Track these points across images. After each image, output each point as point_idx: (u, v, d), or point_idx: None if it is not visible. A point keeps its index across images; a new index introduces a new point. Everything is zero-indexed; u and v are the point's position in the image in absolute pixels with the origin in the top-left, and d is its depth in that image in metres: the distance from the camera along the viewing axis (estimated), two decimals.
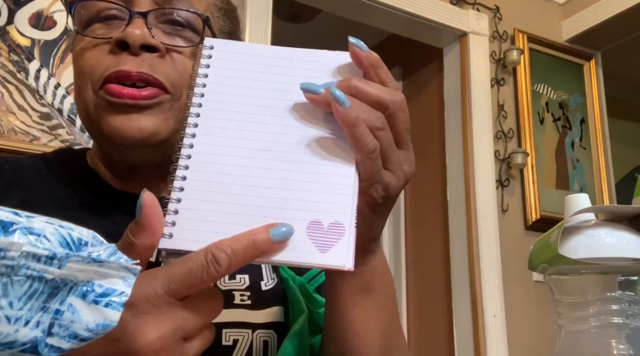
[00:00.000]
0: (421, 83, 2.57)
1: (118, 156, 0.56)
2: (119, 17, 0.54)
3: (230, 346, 0.53)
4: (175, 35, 0.55)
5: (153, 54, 0.52)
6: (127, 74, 0.51)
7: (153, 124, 0.52)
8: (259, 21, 1.78)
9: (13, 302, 0.28)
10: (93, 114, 0.53)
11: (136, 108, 0.51)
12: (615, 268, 0.49)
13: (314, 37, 3.05)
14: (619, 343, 0.47)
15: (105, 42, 0.53)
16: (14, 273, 0.28)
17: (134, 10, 0.53)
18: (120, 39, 0.51)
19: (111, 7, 0.54)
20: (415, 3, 2.11)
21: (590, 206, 0.53)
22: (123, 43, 0.51)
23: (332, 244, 0.38)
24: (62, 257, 0.29)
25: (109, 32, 0.53)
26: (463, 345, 2.05)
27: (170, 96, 0.53)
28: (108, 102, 0.51)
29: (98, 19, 0.54)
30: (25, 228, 0.28)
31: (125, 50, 0.52)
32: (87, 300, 0.31)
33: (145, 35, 0.51)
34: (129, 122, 0.51)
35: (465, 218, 2.11)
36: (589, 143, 2.42)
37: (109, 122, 0.51)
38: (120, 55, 0.52)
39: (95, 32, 0.54)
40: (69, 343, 0.30)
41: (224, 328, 0.53)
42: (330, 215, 0.39)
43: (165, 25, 0.54)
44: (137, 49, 0.51)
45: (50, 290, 0.29)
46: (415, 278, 2.45)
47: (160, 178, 0.55)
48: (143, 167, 0.57)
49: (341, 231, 0.38)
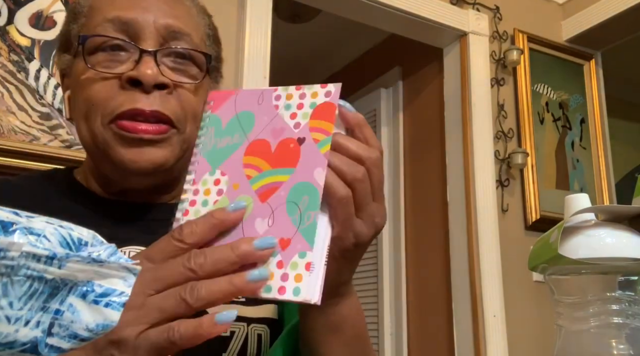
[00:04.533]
0: (421, 83, 2.57)
1: (121, 180, 0.61)
2: (124, 49, 0.58)
3: (228, 337, 0.58)
4: (179, 70, 0.60)
5: (163, 91, 0.57)
6: (141, 112, 0.56)
7: (163, 156, 0.58)
8: (259, 21, 1.78)
9: (13, 302, 0.28)
10: (101, 143, 0.57)
11: (148, 143, 0.56)
12: (615, 268, 0.49)
13: (314, 37, 3.05)
14: (619, 343, 0.47)
15: (113, 76, 0.57)
16: (14, 273, 0.28)
17: (143, 47, 0.57)
18: (133, 78, 0.56)
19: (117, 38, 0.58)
20: (415, 3, 2.11)
21: (590, 206, 0.53)
22: (136, 81, 0.56)
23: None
24: (62, 257, 0.29)
25: (114, 64, 0.57)
26: (463, 345, 2.05)
27: (177, 130, 0.59)
28: (120, 135, 0.56)
29: (102, 48, 0.58)
30: (25, 228, 0.28)
31: (137, 87, 0.56)
32: (87, 300, 0.31)
33: (157, 75, 0.56)
34: (141, 155, 0.56)
35: (465, 218, 2.11)
36: (589, 143, 2.42)
37: (121, 154, 0.56)
38: (132, 92, 0.56)
39: (100, 64, 0.57)
40: (69, 343, 0.30)
41: None
42: None
43: (169, 59, 0.59)
44: (150, 88, 0.56)
45: (50, 290, 0.29)
46: (415, 278, 2.45)
47: (154, 192, 0.62)
48: (141, 188, 0.62)
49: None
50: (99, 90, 0.57)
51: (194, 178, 0.46)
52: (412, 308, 2.43)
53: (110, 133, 0.56)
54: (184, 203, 0.46)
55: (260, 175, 0.44)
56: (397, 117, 2.67)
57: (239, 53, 1.73)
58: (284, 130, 0.45)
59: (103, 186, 0.63)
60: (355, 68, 3.10)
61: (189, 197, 0.46)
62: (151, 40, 0.58)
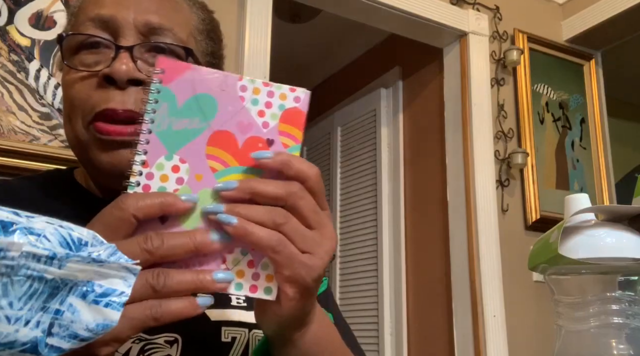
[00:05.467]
0: (421, 83, 2.57)
1: (106, 182, 0.60)
2: (105, 45, 0.57)
3: (229, 343, 0.57)
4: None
5: (139, 87, 0.56)
6: (114, 112, 0.54)
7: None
8: (259, 21, 1.78)
9: (13, 302, 0.28)
10: (83, 146, 0.57)
11: (123, 145, 0.55)
12: (615, 268, 0.49)
13: (314, 37, 3.05)
14: (619, 343, 0.47)
15: (92, 74, 0.56)
16: (14, 273, 0.28)
17: (120, 44, 0.56)
18: (107, 75, 0.55)
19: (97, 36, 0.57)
20: (415, 3, 2.11)
21: (590, 206, 0.53)
22: (110, 78, 0.55)
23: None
24: (62, 257, 0.29)
25: (95, 61, 0.57)
26: (463, 345, 2.05)
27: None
28: (96, 138, 0.55)
29: (84, 46, 0.57)
30: (25, 228, 0.28)
31: (113, 85, 0.55)
32: (87, 300, 0.31)
33: (131, 70, 0.55)
34: (116, 157, 0.55)
35: (465, 218, 2.11)
36: (589, 143, 2.42)
37: (98, 157, 0.56)
38: (107, 89, 0.55)
39: (82, 62, 0.57)
40: (69, 343, 0.30)
41: (223, 326, 0.57)
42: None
43: (149, 55, 0.58)
44: (123, 84, 0.55)
45: (50, 290, 0.29)
46: (415, 278, 2.45)
47: None
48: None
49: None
50: (79, 90, 0.56)
51: (147, 160, 0.42)
52: (412, 308, 2.43)
53: (89, 135, 0.56)
54: (134, 188, 0.42)
55: (226, 170, 0.43)
56: (397, 117, 2.67)
57: (238, 53, 1.73)
58: (251, 126, 0.44)
59: (97, 187, 0.63)
60: (355, 68, 3.09)
61: (141, 181, 0.42)
62: (131, 37, 0.57)
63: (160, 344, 0.53)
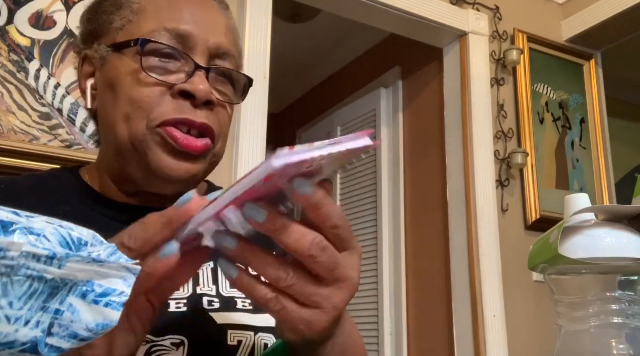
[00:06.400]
0: (421, 83, 2.57)
1: (146, 184, 0.61)
2: (176, 59, 0.59)
3: (235, 346, 0.57)
4: (222, 90, 0.62)
5: (209, 107, 0.59)
6: (192, 123, 0.58)
7: (198, 169, 0.60)
8: (259, 21, 1.78)
9: (13, 302, 0.28)
10: (140, 145, 0.58)
11: (191, 157, 0.58)
12: (615, 268, 0.49)
13: (314, 37, 3.05)
14: (619, 343, 0.47)
15: (164, 84, 0.58)
16: (14, 273, 0.28)
17: (197, 62, 0.59)
18: (188, 91, 0.58)
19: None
20: (415, 3, 2.11)
21: (590, 206, 0.53)
22: (188, 93, 0.58)
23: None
24: (62, 257, 0.29)
25: (165, 71, 0.59)
26: (463, 345, 2.05)
27: (214, 146, 0.61)
28: (167, 143, 0.57)
29: (155, 53, 0.59)
30: (25, 228, 0.28)
31: (188, 100, 0.58)
32: (87, 300, 0.31)
33: (209, 91, 0.58)
34: (181, 166, 0.58)
35: (465, 218, 2.11)
36: (589, 143, 2.42)
37: (163, 161, 0.58)
38: (182, 103, 0.58)
39: (152, 69, 0.58)
40: (69, 343, 0.30)
41: (229, 330, 0.57)
42: None
43: (215, 78, 0.62)
44: (200, 104, 0.58)
45: (50, 290, 0.29)
46: (415, 278, 2.45)
47: (173, 199, 0.56)
48: (163, 194, 0.62)
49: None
50: (147, 95, 0.58)
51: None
52: (412, 308, 2.43)
53: (157, 138, 0.57)
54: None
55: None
56: (397, 117, 2.67)
57: None
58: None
59: (120, 185, 0.63)
60: (355, 68, 3.10)
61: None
62: (202, 56, 0.60)
63: (166, 346, 0.53)
